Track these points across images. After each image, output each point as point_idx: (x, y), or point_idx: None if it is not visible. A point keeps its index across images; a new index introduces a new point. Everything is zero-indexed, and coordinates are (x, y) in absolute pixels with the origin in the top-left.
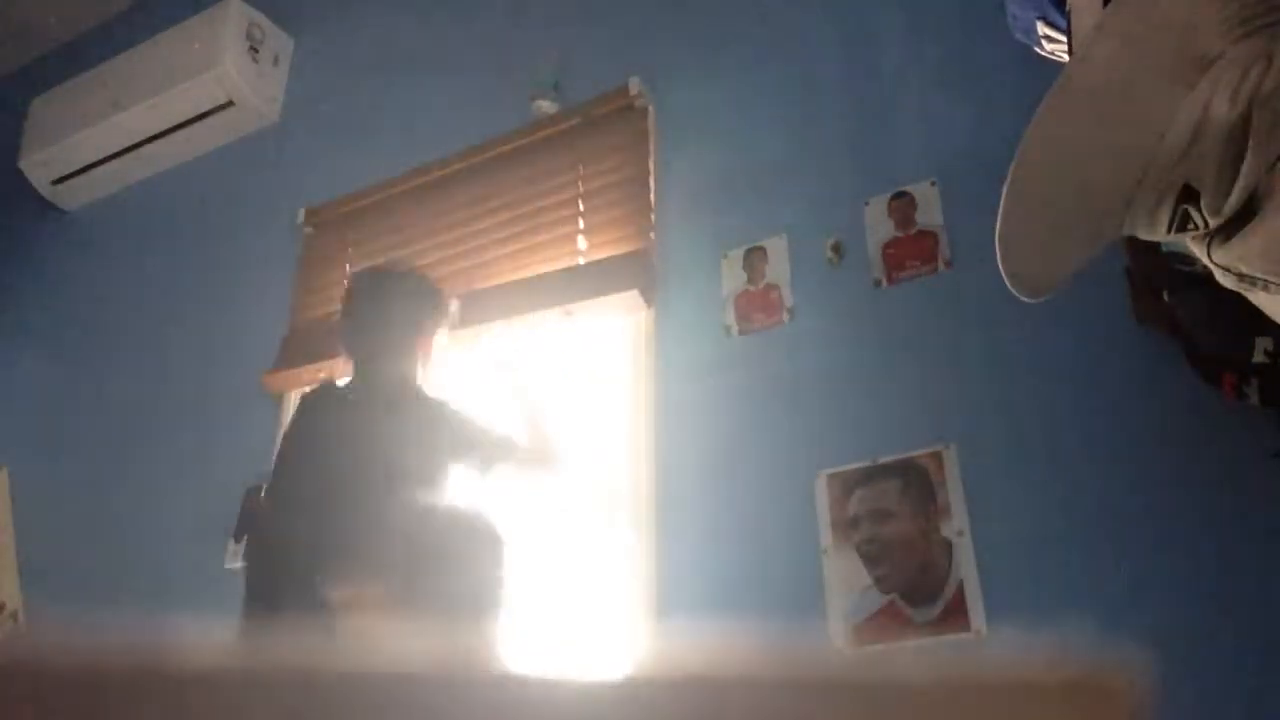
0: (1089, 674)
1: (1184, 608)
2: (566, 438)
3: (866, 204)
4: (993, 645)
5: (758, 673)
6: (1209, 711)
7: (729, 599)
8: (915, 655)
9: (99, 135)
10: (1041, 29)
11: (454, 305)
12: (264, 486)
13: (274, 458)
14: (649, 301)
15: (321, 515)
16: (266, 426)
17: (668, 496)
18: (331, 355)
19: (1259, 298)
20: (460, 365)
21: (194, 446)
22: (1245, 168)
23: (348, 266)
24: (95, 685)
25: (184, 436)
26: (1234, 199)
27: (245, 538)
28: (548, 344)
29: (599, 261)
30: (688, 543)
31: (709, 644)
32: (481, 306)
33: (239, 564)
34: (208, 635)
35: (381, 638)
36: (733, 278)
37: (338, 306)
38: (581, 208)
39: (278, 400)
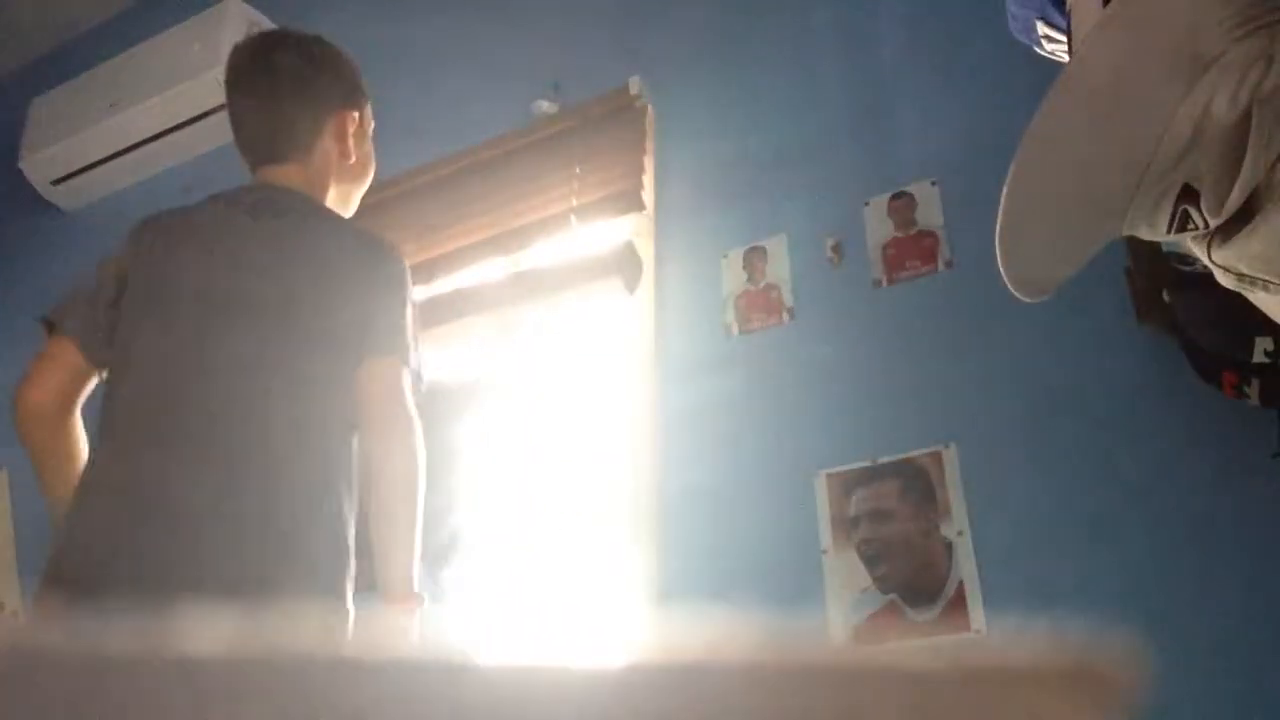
0: (1081, 661)
1: (1184, 608)
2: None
3: (866, 204)
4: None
5: (757, 659)
6: (1209, 710)
7: (728, 599)
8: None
9: (99, 135)
10: (1041, 29)
11: None
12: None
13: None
14: (631, 289)
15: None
16: None
17: (667, 497)
18: None
19: (1259, 298)
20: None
21: None
22: (1245, 168)
23: None
24: (96, 672)
25: None
26: (1234, 199)
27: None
28: (545, 344)
29: (581, 254)
30: (687, 543)
31: (707, 634)
32: (460, 303)
33: None
34: (206, 624)
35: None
36: (733, 278)
37: None
38: (575, 203)
39: None
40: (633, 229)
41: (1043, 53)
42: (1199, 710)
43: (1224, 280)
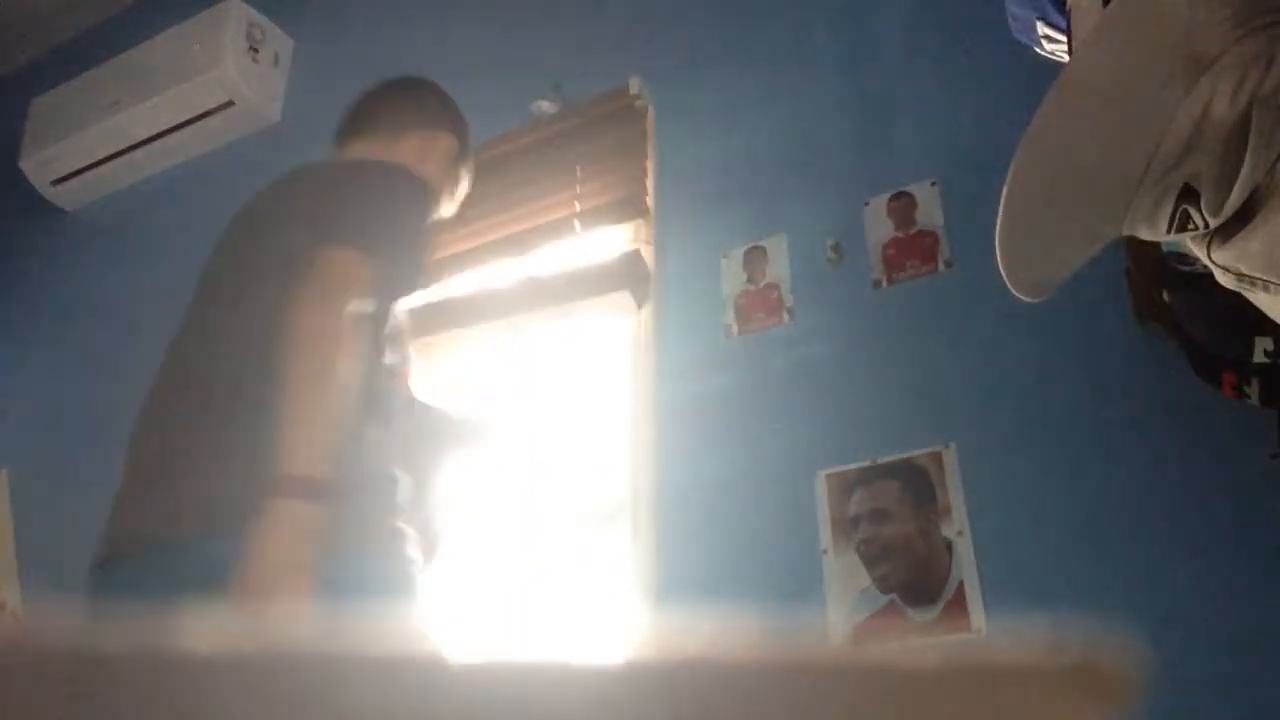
0: (1081, 660)
1: (1184, 608)
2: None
3: (866, 204)
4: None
5: (755, 658)
6: (1209, 710)
7: (728, 599)
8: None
9: (99, 135)
10: (1041, 29)
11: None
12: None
13: None
14: (640, 303)
15: None
16: None
17: (667, 497)
18: None
19: (1259, 298)
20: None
21: None
22: (1245, 168)
23: None
24: (95, 669)
25: None
26: (1234, 199)
27: None
28: (544, 344)
29: (590, 265)
30: (687, 543)
31: (705, 631)
32: (466, 310)
33: None
34: (208, 621)
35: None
36: (732, 278)
37: None
38: (578, 208)
39: None
40: (632, 229)
41: (1043, 53)
42: (1199, 709)
43: (1224, 280)
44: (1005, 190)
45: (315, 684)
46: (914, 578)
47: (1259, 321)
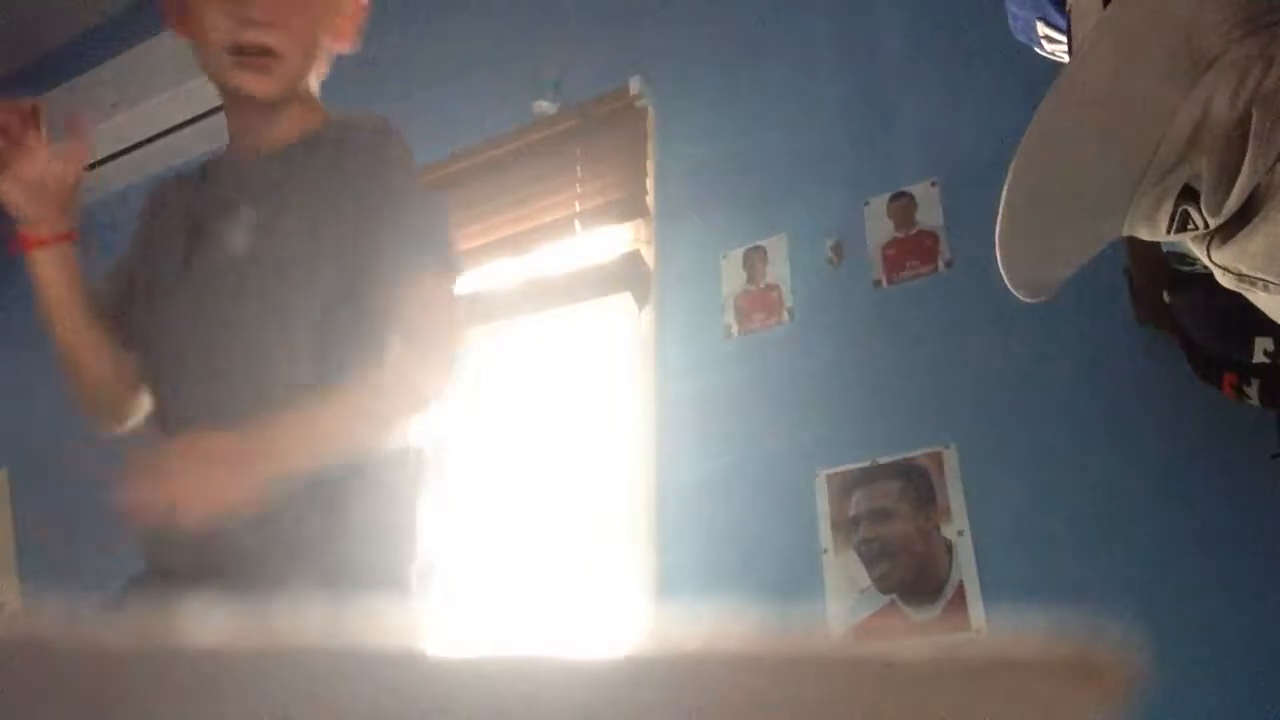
0: (1080, 653)
1: (1184, 608)
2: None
3: (866, 204)
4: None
5: (758, 652)
6: (1209, 710)
7: (728, 599)
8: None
9: (99, 135)
10: (1041, 29)
11: None
12: None
13: None
14: (641, 304)
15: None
16: None
17: (667, 497)
18: None
19: (1259, 298)
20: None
21: None
22: (1245, 168)
23: None
24: (96, 663)
25: None
26: (1234, 199)
27: None
28: (544, 345)
29: (591, 265)
30: (687, 543)
31: (705, 628)
32: (466, 311)
33: None
34: (210, 616)
35: (379, 614)
36: (732, 278)
37: None
38: (579, 208)
39: None
40: (632, 229)
41: (1043, 53)
42: (1198, 707)
43: (1224, 280)
44: (1005, 190)
45: (311, 679)
46: (914, 578)
47: (1259, 322)
